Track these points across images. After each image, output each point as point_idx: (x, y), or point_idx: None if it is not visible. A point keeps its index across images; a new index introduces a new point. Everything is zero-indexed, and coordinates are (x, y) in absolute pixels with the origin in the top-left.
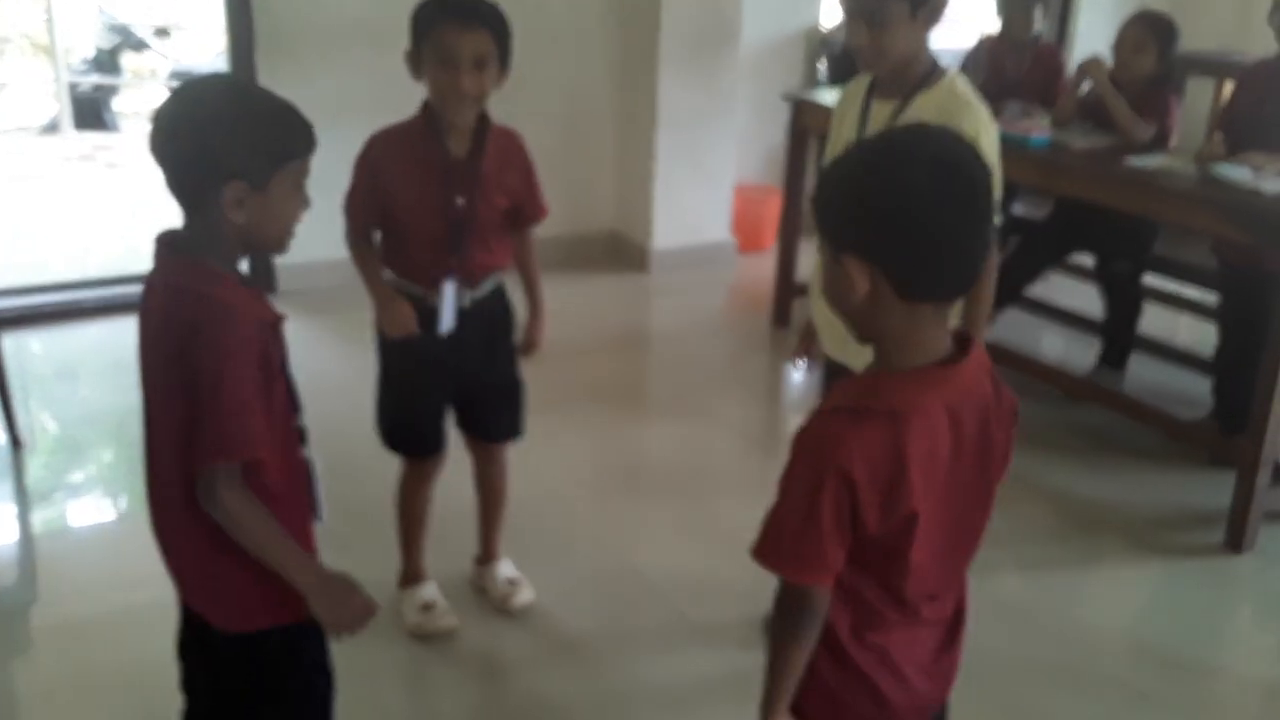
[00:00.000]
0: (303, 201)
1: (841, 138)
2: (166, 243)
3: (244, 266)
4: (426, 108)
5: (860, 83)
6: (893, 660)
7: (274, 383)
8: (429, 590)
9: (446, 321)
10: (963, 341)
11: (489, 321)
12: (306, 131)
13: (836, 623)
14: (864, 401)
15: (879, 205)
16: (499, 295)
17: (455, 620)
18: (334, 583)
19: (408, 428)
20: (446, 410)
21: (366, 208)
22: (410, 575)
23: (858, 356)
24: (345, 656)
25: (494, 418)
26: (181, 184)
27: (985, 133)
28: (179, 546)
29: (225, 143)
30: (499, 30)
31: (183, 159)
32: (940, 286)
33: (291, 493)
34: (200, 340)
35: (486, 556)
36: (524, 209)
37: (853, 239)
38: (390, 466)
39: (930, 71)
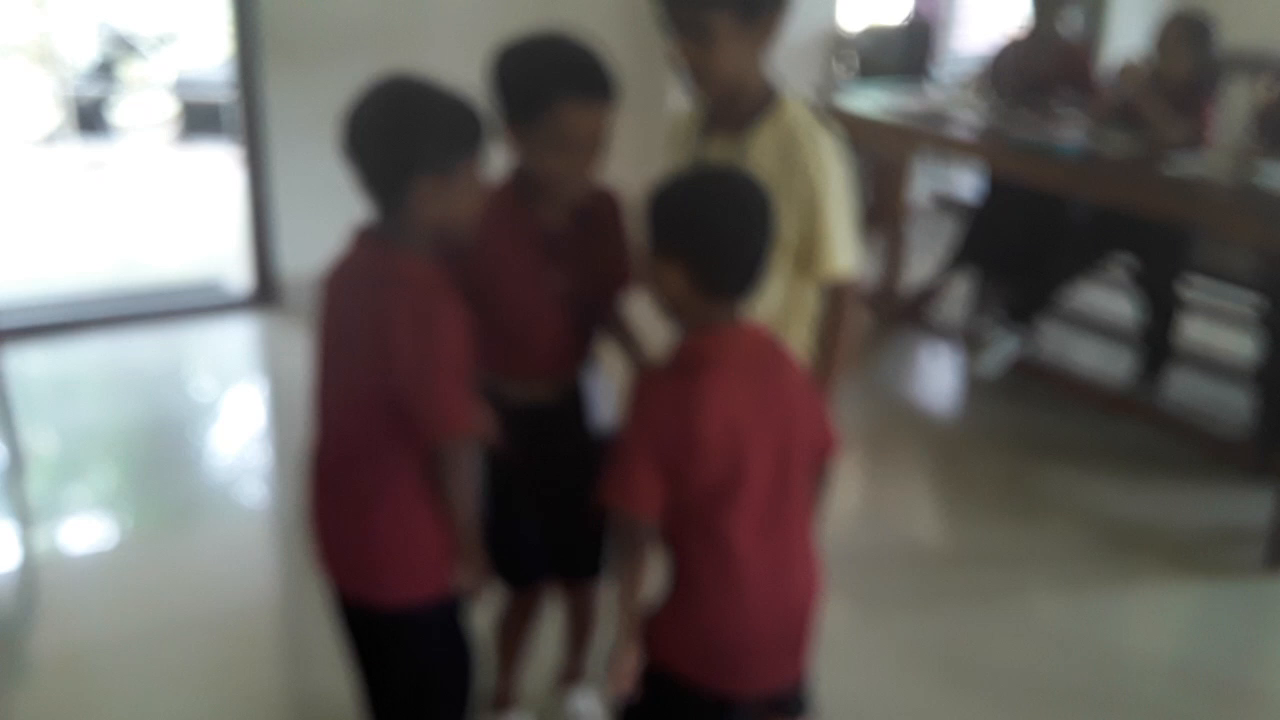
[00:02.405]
0: (482, 192)
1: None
2: (368, 234)
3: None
4: (520, 176)
5: (689, 117)
6: (745, 587)
7: None
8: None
9: (605, 412)
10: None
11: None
12: (483, 122)
13: (679, 566)
14: (673, 362)
15: (687, 219)
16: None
17: None
18: (481, 549)
19: (505, 551)
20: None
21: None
22: (501, 699)
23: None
24: None
25: (589, 552)
26: (377, 181)
27: (825, 169)
28: (365, 521)
29: (419, 140)
30: (618, 98)
31: (379, 157)
32: (730, 283)
33: None
34: (424, 324)
35: (571, 676)
36: (601, 277)
37: (674, 248)
38: None
39: (767, 99)
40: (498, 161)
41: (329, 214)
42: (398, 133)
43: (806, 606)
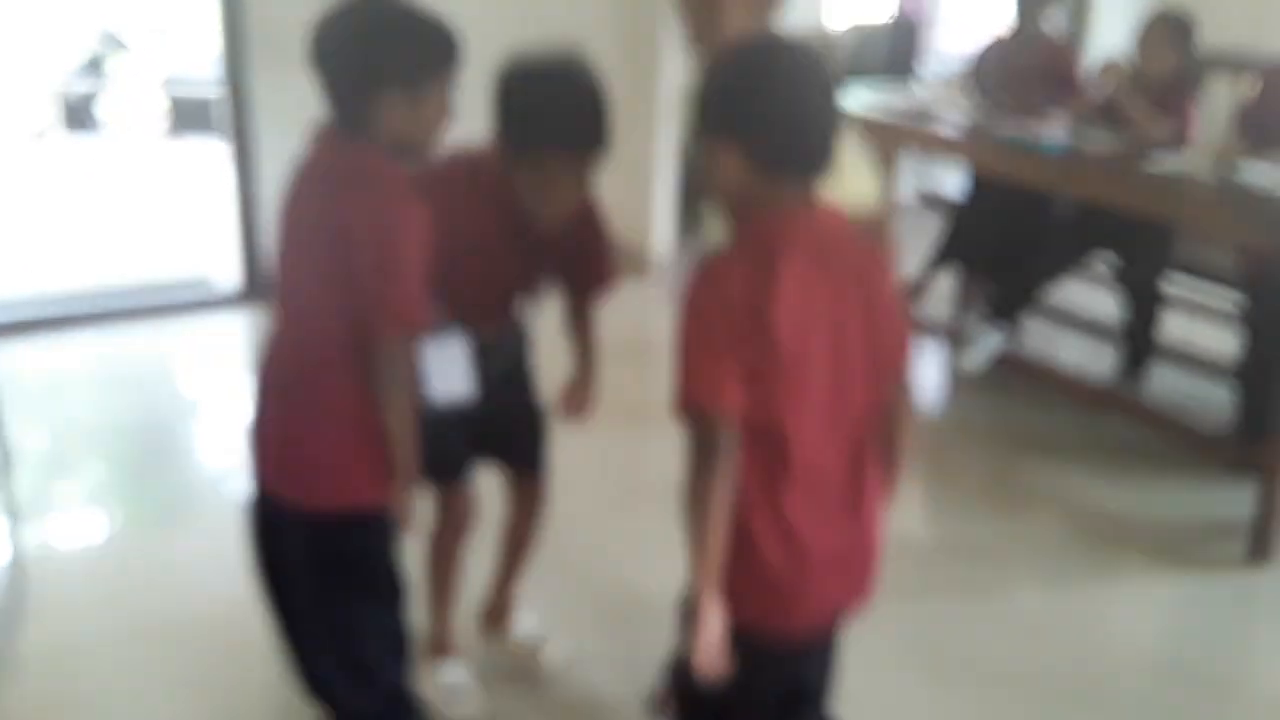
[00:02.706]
0: (449, 112)
1: None
2: (330, 134)
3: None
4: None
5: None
6: (789, 523)
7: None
8: (457, 672)
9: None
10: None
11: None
12: (455, 44)
13: (741, 494)
14: (737, 248)
15: (746, 95)
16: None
17: (478, 709)
18: (418, 480)
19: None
20: (474, 453)
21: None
22: (438, 645)
23: None
24: None
25: (533, 446)
26: (342, 91)
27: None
28: (307, 418)
29: (388, 53)
30: (608, 145)
31: (346, 68)
32: (795, 158)
33: None
34: (380, 218)
35: (503, 610)
36: (580, 273)
37: (726, 125)
38: None
39: None
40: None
41: None
42: (371, 43)
43: (872, 520)
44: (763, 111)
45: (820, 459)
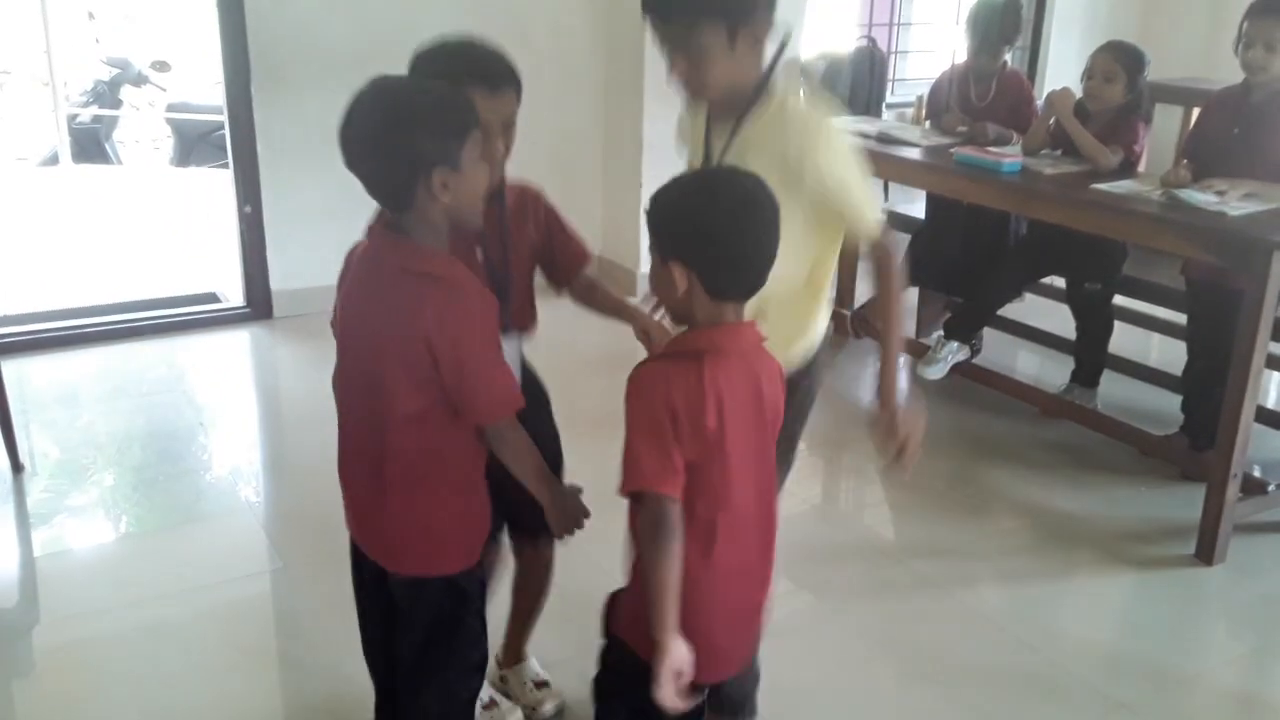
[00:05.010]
0: (485, 168)
1: (696, 156)
2: (384, 229)
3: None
4: None
5: (695, 113)
6: (725, 572)
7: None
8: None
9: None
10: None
11: (531, 389)
12: (471, 102)
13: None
14: (677, 348)
15: (694, 227)
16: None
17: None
18: (567, 492)
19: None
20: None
21: None
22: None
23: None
24: None
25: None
26: (389, 184)
27: (813, 151)
28: (401, 502)
29: (423, 136)
30: (520, 88)
31: (388, 162)
32: (736, 287)
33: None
34: (443, 318)
35: (515, 657)
36: (558, 258)
37: (677, 250)
38: None
39: (762, 92)
40: None
41: (316, 231)
42: (399, 135)
43: (763, 598)
44: (712, 246)
45: (744, 528)
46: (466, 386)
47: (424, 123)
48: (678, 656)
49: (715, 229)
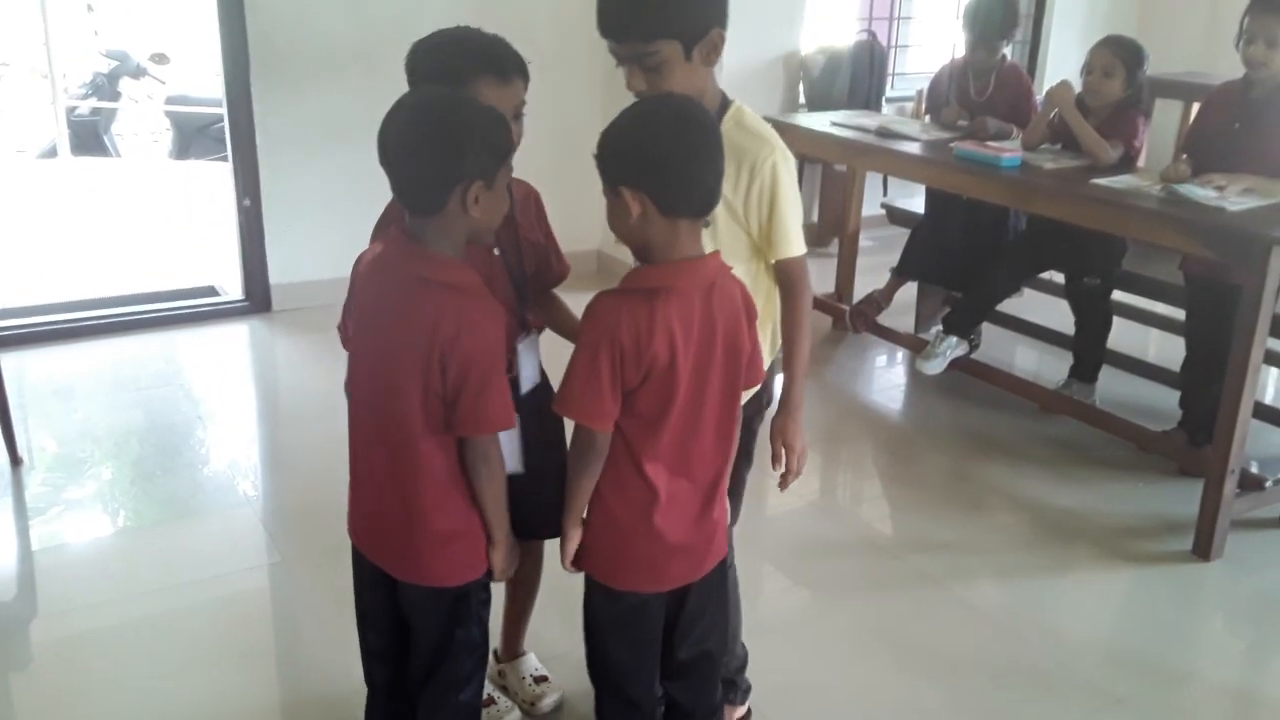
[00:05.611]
0: (507, 195)
1: None
2: (403, 235)
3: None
4: None
5: None
6: (659, 497)
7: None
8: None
9: (529, 378)
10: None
11: (545, 389)
12: (510, 128)
13: (618, 457)
14: (630, 284)
15: (635, 145)
16: None
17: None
18: (511, 537)
19: None
20: None
21: None
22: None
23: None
24: None
25: (543, 510)
26: (425, 189)
27: (777, 166)
28: (426, 515)
29: (473, 149)
30: (527, 76)
31: (433, 166)
32: (687, 203)
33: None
34: (459, 328)
35: (512, 653)
36: (544, 268)
37: (625, 174)
38: None
39: (720, 108)
40: None
41: (315, 225)
42: (450, 144)
43: (714, 522)
44: (657, 161)
45: (673, 467)
46: (468, 397)
47: (477, 137)
48: (575, 539)
49: (657, 145)
